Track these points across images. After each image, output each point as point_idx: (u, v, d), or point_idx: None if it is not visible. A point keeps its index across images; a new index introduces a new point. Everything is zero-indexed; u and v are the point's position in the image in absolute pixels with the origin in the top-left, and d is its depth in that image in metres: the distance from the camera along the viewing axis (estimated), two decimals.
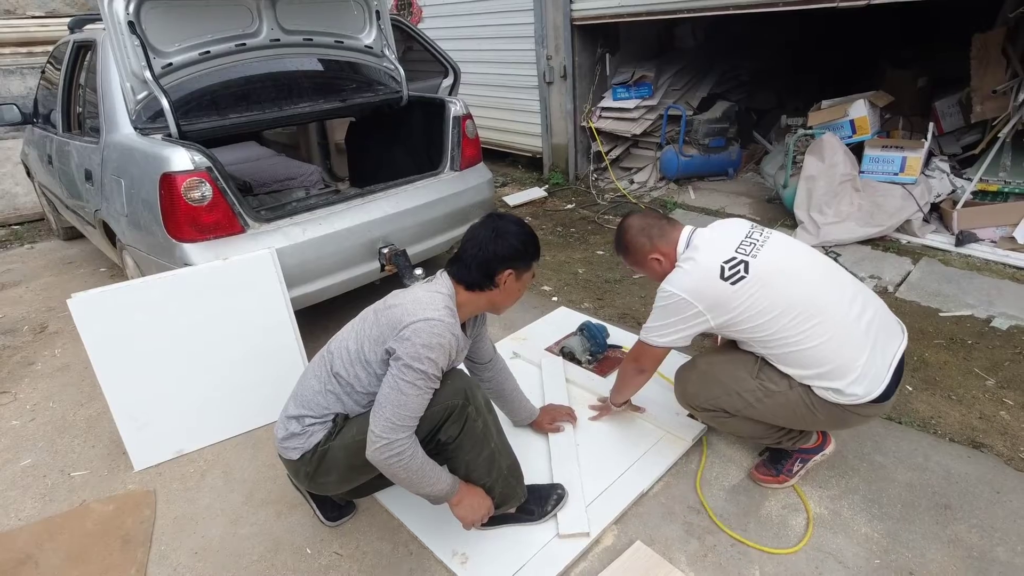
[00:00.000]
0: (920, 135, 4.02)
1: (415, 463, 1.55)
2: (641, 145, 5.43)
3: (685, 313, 1.76)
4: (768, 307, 1.69)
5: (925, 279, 3.34)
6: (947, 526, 1.84)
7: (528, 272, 1.74)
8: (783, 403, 1.78)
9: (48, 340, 3.33)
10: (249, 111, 2.97)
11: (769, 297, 1.69)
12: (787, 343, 1.71)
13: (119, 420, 2.25)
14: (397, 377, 1.52)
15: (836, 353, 1.68)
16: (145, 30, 2.53)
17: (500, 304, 1.76)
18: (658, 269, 1.89)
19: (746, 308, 1.70)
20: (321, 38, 3.13)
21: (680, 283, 1.76)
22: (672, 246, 1.86)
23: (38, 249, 4.89)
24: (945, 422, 2.29)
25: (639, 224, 1.91)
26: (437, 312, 1.57)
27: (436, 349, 1.53)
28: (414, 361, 1.51)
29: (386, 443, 1.51)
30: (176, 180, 2.34)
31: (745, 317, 1.71)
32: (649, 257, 1.89)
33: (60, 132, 3.50)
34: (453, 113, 3.24)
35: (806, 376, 1.73)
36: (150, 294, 2.22)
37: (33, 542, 2.00)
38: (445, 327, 1.56)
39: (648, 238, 1.88)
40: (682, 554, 1.81)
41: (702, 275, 1.73)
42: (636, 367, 2.00)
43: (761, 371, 1.81)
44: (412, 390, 1.52)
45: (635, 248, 1.91)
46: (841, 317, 1.70)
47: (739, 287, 1.69)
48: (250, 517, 2.07)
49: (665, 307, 1.79)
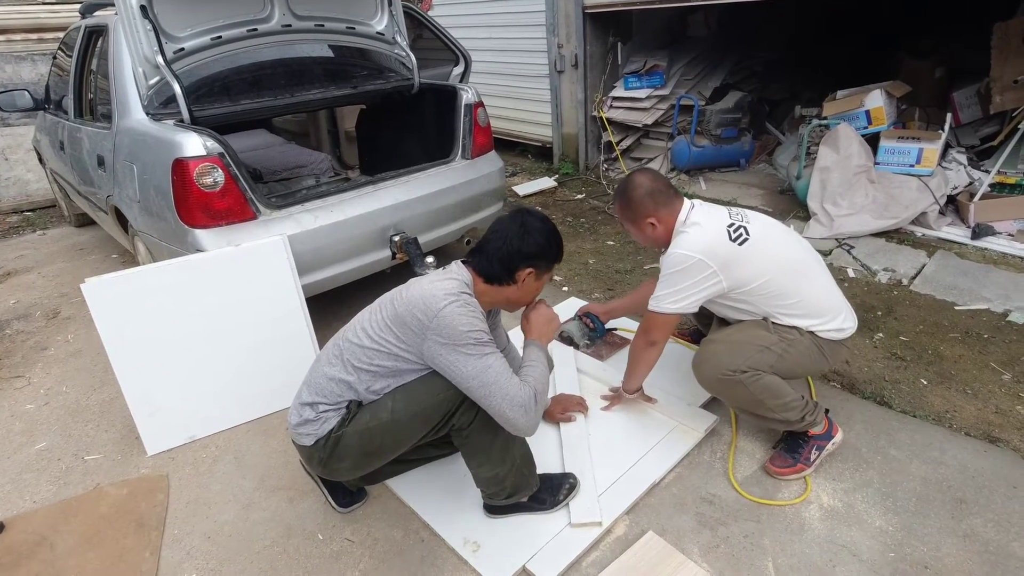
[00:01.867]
0: (937, 126, 3.96)
1: (540, 391, 1.61)
2: (652, 135, 5.39)
3: (701, 274, 1.83)
4: (769, 265, 1.87)
5: (940, 272, 3.30)
6: (962, 520, 1.83)
7: (548, 273, 1.74)
8: (803, 350, 1.91)
9: (61, 325, 3.35)
10: (260, 97, 2.96)
11: (769, 255, 1.88)
12: (790, 295, 1.89)
13: (132, 405, 2.26)
14: (471, 362, 1.54)
15: (828, 298, 1.96)
16: (157, 14, 2.51)
17: (516, 301, 1.76)
18: (649, 233, 1.97)
19: (753, 265, 1.85)
20: (333, 24, 3.10)
21: (693, 245, 1.84)
22: (673, 215, 1.94)
23: (50, 235, 4.92)
24: (961, 416, 2.27)
25: (649, 185, 1.94)
26: (453, 295, 1.57)
27: (472, 323, 1.55)
28: (468, 340, 1.53)
29: (524, 410, 1.56)
30: (189, 166, 2.34)
31: (754, 274, 1.85)
32: (647, 219, 1.94)
33: (72, 118, 3.50)
34: (465, 101, 3.22)
35: (812, 323, 1.91)
36: (162, 280, 2.22)
37: (48, 524, 2.02)
38: (464, 303, 1.57)
39: (654, 201, 1.93)
40: (694, 545, 1.80)
41: (713, 236, 1.85)
42: (646, 340, 2.02)
43: (774, 327, 1.93)
44: (490, 360, 1.55)
45: (637, 205, 1.94)
46: (820, 269, 2.01)
47: (745, 247, 1.85)
48: (262, 502, 2.08)
49: (680, 271, 1.85)
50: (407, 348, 1.60)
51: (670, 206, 1.94)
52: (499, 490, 1.81)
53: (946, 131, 3.80)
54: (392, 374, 1.64)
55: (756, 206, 4.41)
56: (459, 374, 1.55)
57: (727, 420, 2.27)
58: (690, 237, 1.87)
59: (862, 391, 2.43)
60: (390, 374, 1.64)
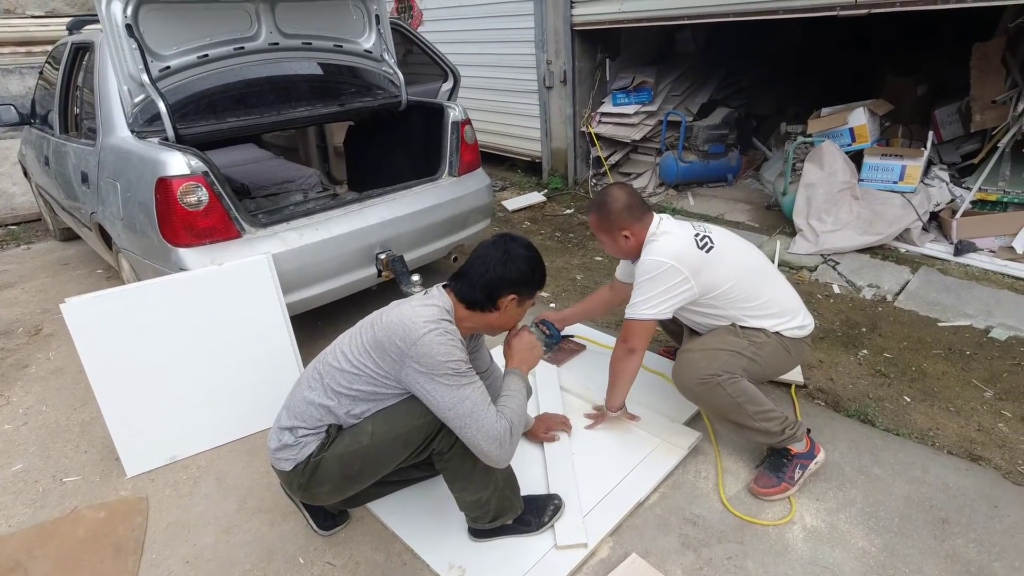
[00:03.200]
0: (920, 143, 4.02)
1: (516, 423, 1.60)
2: (640, 151, 5.43)
3: (673, 280, 1.92)
4: (734, 271, 1.99)
5: (924, 288, 3.33)
6: (944, 540, 1.83)
7: (530, 299, 1.73)
8: (771, 351, 2.01)
9: (43, 343, 3.32)
10: (247, 115, 2.96)
11: (732, 262, 2.01)
12: (754, 298, 2.01)
13: (112, 426, 2.23)
14: (449, 393, 1.53)
15: (786, 298, 2.09)
16: (143, 33, 2.52)
17: (497, 327, 1.75)
18: (622, 244, 2.07)
19: (719, 271, 1.97)
20: (320, 42, 3.12)
21: (665, 252, 1.95)
22: (645, 229, 2.04)
23: (35, 250, 4.87)
24: (943, 434, 2.28)
25: (626, 199, 2.04)
26: (433, 323, 1.56)
27: (451, 352, 1.54)
28: (447, 370, 1.53)
29: (498, 443, 1.55)
30: (172, 184, 2.33)
31: (721, 279, 1.97)
32: (622, 232, 2.04)
33: (57, 133, 3.48)
34: (452, 118, 3.23)
35: (776, 323, 2.02)
36: (144, 299, 2.20)
37: (23, 549, 1.98)
38: (444, 331, 1.56)
39: (629, 215, 2.03)
40: (678, 567, 1.79)
41: (682, 244, 1.97)
42: (626, 348, 2.05)
43: (742, 331, 2.02)
44: (467, 391, 1.54)
45: (614, 218, 2.03)
46: (776, 273, 2.16)
47: (712, 254, 1.97)
48: (243, 525, 2.05)
49: (653, 277, 1.93)
50: (385, 374, 1.59)
51: (643, 220, 2.04)
52: (483, 513, 1.80)
53: (928, 148, 3.86)
54: (371, 398, 1.63)
55: (743, 221, 4.45)
56: (436, 403, 1.54)
57: (710, 438, 2.27)
58: (661, 245, 1.97)
59: (846, 409, 2.44)
60: (369, 398, 1.62)
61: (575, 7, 4.97)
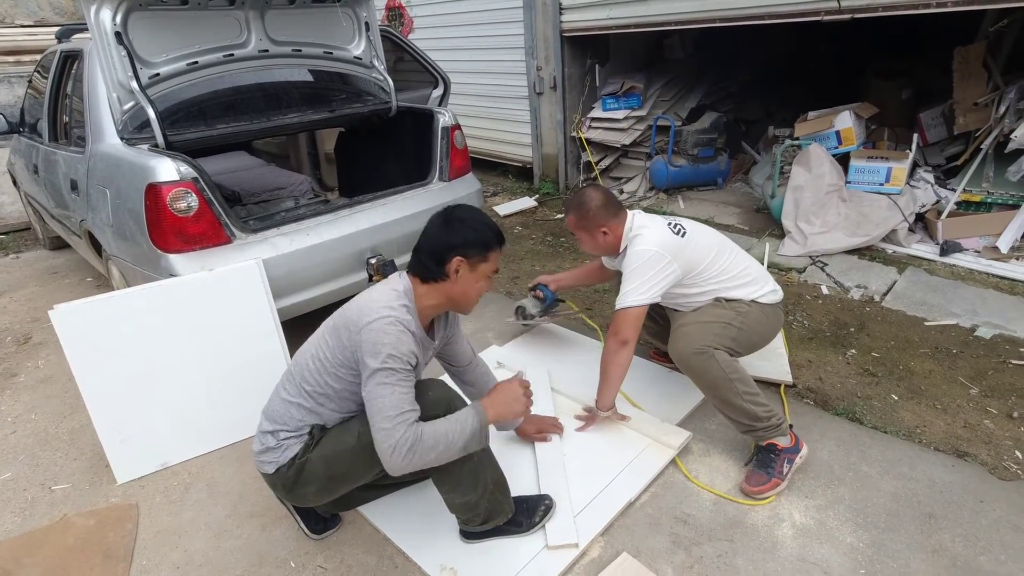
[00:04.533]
0: (905, 146, 4.07)
1: (427, 443, 1.49)
2: (631, 155, 5.47)
3: (659, 264, 2.06)
4: (706, 250, 2.17)
5: (910, 288, 3.37)
6: (931, 535, 1.85)
7: (484, 263, 1.66)
8: (755, 318, 2.14)
9: (32, 351, 3.30)
10: (237, 121, 2.96)
11: (704, 243, 2.19)
12: (729, 270, 2.18)
13: (101, 433, 2.22)
14: (372, 385, 1.50)
15: (755, 268, 2.25)
16: (132, 40, 2.53)
17: (458, 298, 1.69)
18: (600, 241, 2.20)
19: (695, 251, 2.14)
20: (310, 49, 3.13)
21: (649, 241, 2.10)
22: (621, 225, 2.19)
23: (23, 258, 4.85)
24: (930, 431, 2.31)
25: (602, 199, 2.18)
26: (386, 308, 1.55)
27: (394, 344, 1.51)
28: (378, 363, 1.49)
29: (392, 449, 1.45)
30: (162, 191, 2.33)
31: (698, 258, 2.14)
32: (600, 228, 2.17)
33: (46, 141, 3.47)
34: (442, 124, 3.25)
35: (753, 291, 2.17)
36: (134, 305, 2.20)
37: (11, 557, 1.97)
38: (394, 320, 1.53)
39: (606, 212, 2.17)
40: (668, 565, 1.80)
41: (661, 233, 2.14)
42: (618, 341, 2.10)
43: (725, 302, 2.16)
44: (387, 390, 1.49)
45: (592, 216, 2.16)
46: (740, 249, 2.31)
47: (686, 238, 2.15)
48: (234, 530, 2.04)
49: (640, 266, 2.07)
50: (340, 362, 1.59)
51: (618, 216, 2.19)
52: (473, 516, 1.80)
53: (913, 151, 3.91)
54: (343, 396, 1.62)
55: (732, 224, 4.48)
56: (364, 388, 1.52)
57: (700, 437, 2.29)
58: (644, 237, 2.13)
59: (835, 408, 2.46)
60: (341, 396, 1.62)
61: (564, 13, 5.01)
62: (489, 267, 1.69)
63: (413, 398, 1.53)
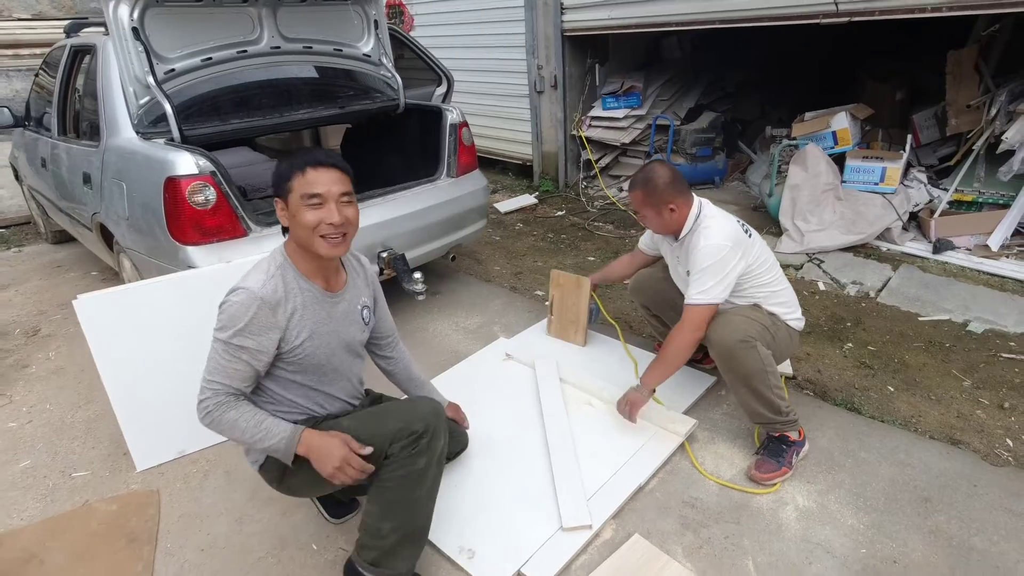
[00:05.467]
0: (899, 147, 4.17)
1: (225, 423, 1.51)
2: (630, 154, 5.55)
3: (733, 261, 2.07)
4: (765, 258, 2.19)
5: (904, 285, 3.47)
6: (928, 518, 1.94)
7: (290, 192, 1.53)
8: (783, 334, 2.19)
9: (42, 343, 3.32)
10: (250, 117, 3.01)
11: (764, 251, 2.21)
12: (775, 284, 2.21)
13: (122, 421, 2.27)
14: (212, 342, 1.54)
15: (792, 293, 2.28)
16: (149, 37, 2.57)
17: (298, 239, 1.59)
18: (666, 218, 2.17)
19: (756, 256, 2.16)
20: (321, 46, 3.18)
21: (724, 235, 2.07)
22: (688, 204, 2.17)
23: (26, 253, 4.85)
24: (925, 421, 2.40)
25: (670, 175, 2.15)
26: (251, 279, 1.55)
27: (236, 317, 1.50)
28: (217, 332, 1.53)
29: (198, 404, 1.53)
30: (181, 184, 2.38)
31: (757, 263, 2.15)
32: (668, 205, 2.14)
33: (55, 135, 3.50)
34: (450, 120, 3.31)
35: (786, 311, 2.22)
36: (154, 296, 2.24)
37: (37, 541, 2.01)
38: (247, 294, 1.51)
39: (675, 189, 2.13)
40: (678, 546, 1.88)
41: (733, 228, 2.12)
42: (695, 336, 2.11)
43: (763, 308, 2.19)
44: (214, 355, 1.53)
45: (661, 192, 2.12)
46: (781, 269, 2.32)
47: (753, 239, 2.17)
48: (255, 515, 2.10)
49: (719, 261, 2.05)
50: None
51: (686, 195, 2.16)
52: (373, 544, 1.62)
53: (907, 151, 4.01)
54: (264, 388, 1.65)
55: None
56: None
57: (705, 426, 2.37)
58: (717, 229, 2.09)
59: (833, 398, 2.55)
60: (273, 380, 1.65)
61: (566, 13, 5.07)
62: (297, 192, 1.52)
63: (233, 369, 1.51)
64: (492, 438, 2.29)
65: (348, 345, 1.75)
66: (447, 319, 3.39)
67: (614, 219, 4.92)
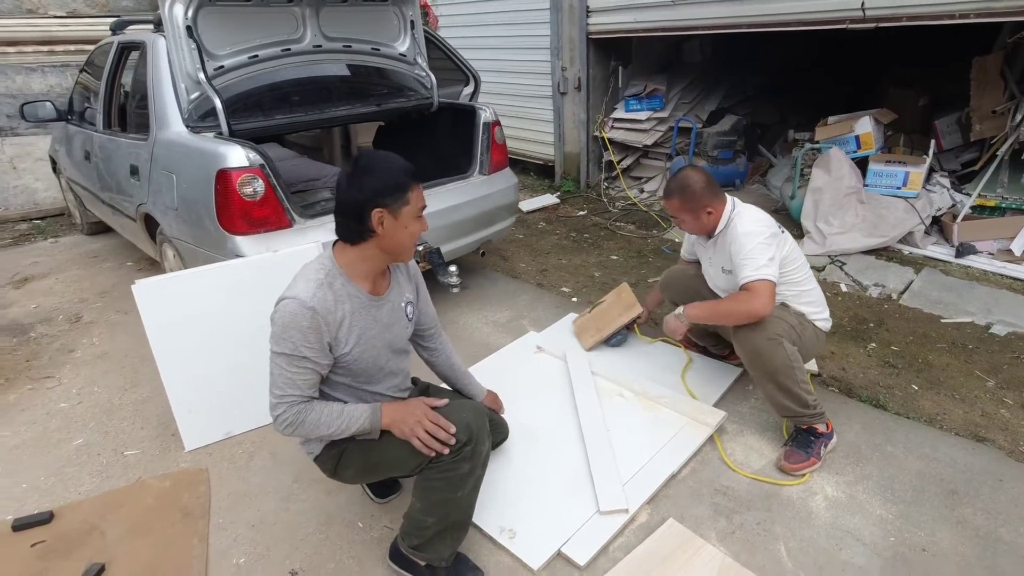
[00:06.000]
0: (921, 151, 4.21)
1: (308, 426, 1.58)
2: (651, 155, 5.62)
3: (773, 243, 2.13)
4: (796, 256, 2.25)
5: (927, 288, 3.51)
6: (955, 509, 1.99)
7: (404, 205, 1.55)
8: (810, 334, 2.25)
9: (84, 329, 3.44)
10: (292, 112, 3.12)
11: (795, 250, 2.27)
12: (805, 283, 2.27)
13: (173, 402, 2.37)
14: (272, 348, 1.56)
15: (820, 294, 2.34)
16: (201, 34, 2.67)
17: (392, 249, 1.62)
18: (704, 221, 2.25)
19: (788, 252, 2.22)
20: (359, 45, 3.28)
21: (759, 222, 2.18)
22: (723, 204, 2.26)
23: (62, 243, 4.99)
24: (950, 418, 2.45)
25: (705, 180, 2.23)
26: (299, 287, 1.56)
27: (291, 329, 1.52)
28: (273, 345, 1.55)
29: (275, 420, 1.59)
30: (231, 176, 2.48)
31: (789, 259, 2.21)
32: (706, 209, 2.22)
33: (100, 129, 3.61)
34: (484, 119, 3.40)
35: (814, 311, 2.28)
36: (206, 283, 2.34)
37: (96, 514, 2.11)
38: (298, 304, 1.52)
39: (711, 192, 2.22)
40: (711, 531, 1.95)
41: (767, 217, 2.23)
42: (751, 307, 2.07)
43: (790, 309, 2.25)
44: (276, 369, 1.56)
45: (698, 196, 2.21)
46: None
47: (785, 236, 2.25)
48: (301, 495, 2.19)
49: (761, 242, 2.11)
50: None
51: (720, 197, 2.26)
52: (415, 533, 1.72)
53: (930, 156, 4.06)
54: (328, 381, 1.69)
55: None
56: None
57: (734, 418, 2.44)
58: (752, 217, 2.19)
59: (859, 395, 2.60)
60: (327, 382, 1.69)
61: (591, 16, 5.15)
62: (412, 207, 1.58)
63: (300, 379, 1.56)
64: (527, 426, 2.37)
65: (393, 345, 1.80)
66: (476, 313, 3.47)
67: (635, 219, 4.99)
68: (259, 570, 1.89)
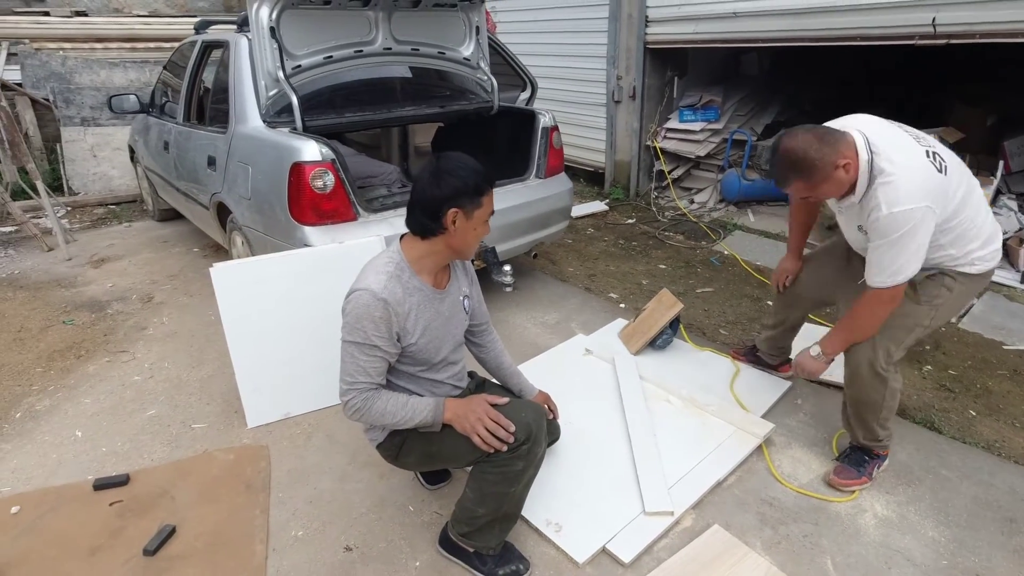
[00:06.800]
0: (988, 173, 4.08)
1: (374, 414, 1.65)
2: (703, 167, 5.59)
3: (929, 222, 1.70)
4: (963, 186, 1.81)
5: (989, 312, 3.41)
6: (1012, 537, 1.95)
7: (479, 208, 1.65)
8: (953, 300, 1.95)
9: (156, 309, 3.65)
10: (361, 111, 3.26)
11: (960, 176, 1.81)
12: (974, 219, 1.84)
13: (240, 380, 2.51)
14: (341, 350, 1.65)
15: (990, 219, 1.92)
16: (282, 36, 2.83)
17: (459, 247, 1.70)
18: (844, 177, 1.77)
19: (955, 192, 1.77)
20: (427, 49, 3.40)
21: (913, 194, 1.69)
22: (853, 148, 1.76)
23: (135, 228, 5.28)
24: (1009, 446, 2.39)
25: (810, 137, 1.75)
26: (370, 279, 1.63)
27: (364, 319, 1.59)
28: (345, 334, 1.64)
29: (344, 406, 1.66)
30: (305, 169, 2.61)
31: (957, 203, 1.77)
32: (839, 165, 1.74)
33: (180, 121, 3.84)
34: (543, 124, 3.47)
35: (979, 256, 1.89)
36: (277, 269, 2.48)
37: (167, 480, 2.26)
38: (370, 295, 1.59)
39: (831, 146, 1.74)
40: (756, 539, 1.96)
41: (924, 175, 1.71)
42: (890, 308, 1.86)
43: (921, 294, 1.95)
44: (348, 357, 1.64)
45: (820, 160, 1.74)
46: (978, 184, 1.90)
47: (949, 175, 1.76)
48: (355, 475, 2.29)
49: (910, 230, 1.69)
50: None
51: (844, 139, 1.76)
52: (466, 522, 1.80)
53: (998, 178, 3.93)
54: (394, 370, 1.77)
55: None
56: None
57: (781, 431, 2.43)
58: (901, 185, 1.69)
59: (913, 416, 2.56)
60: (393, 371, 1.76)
61: (650, 26, 5.18)
62: (484, 211, 1.67)
63: (370, 367, 1.64)
64: (576, 425, 2.42)
65: (454, 336, 1.88)
66: (526, 313, 3.54)
67: (684, 230, 4.98)
68: (316, 543, 1.99)
